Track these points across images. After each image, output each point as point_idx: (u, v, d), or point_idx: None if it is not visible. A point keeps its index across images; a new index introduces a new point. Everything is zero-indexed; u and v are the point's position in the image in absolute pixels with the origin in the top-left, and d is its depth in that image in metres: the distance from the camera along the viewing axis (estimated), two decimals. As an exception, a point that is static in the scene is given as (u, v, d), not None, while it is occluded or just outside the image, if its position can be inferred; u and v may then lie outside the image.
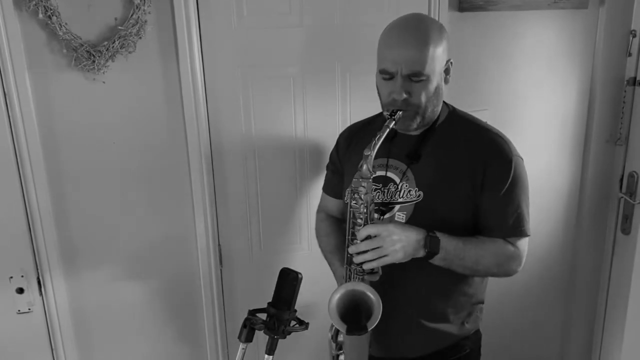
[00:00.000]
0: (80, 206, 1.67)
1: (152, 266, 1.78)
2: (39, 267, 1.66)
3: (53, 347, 1.74)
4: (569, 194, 2.24)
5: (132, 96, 1.63)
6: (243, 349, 1.29)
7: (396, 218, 1.37)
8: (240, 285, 1.90)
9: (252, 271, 1.89)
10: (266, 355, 1.27)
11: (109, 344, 1.81)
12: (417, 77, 1.26)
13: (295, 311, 1.27)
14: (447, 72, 1.35)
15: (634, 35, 2.05)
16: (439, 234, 1.28)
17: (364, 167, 1.25)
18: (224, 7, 1.66)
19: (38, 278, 1.67)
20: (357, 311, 1.26)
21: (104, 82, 1.59)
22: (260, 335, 1.32)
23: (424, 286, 1.39)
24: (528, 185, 1.38)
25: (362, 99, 1.82)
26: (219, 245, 1.84)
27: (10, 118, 1.54)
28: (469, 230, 1.37)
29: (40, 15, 1.47)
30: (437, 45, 1.27)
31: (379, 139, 1.25)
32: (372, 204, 1.29)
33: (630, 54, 2.07)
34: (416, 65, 1.25)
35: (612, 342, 2.34)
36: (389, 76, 1.29)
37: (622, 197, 2.17)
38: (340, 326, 1.24)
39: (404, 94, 1.28)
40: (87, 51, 1.53)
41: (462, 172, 1.34)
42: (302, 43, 1.76)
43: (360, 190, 1.27)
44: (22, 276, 1.65)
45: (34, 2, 1.45)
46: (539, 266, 2.25)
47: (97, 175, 1.66)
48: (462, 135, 1.38)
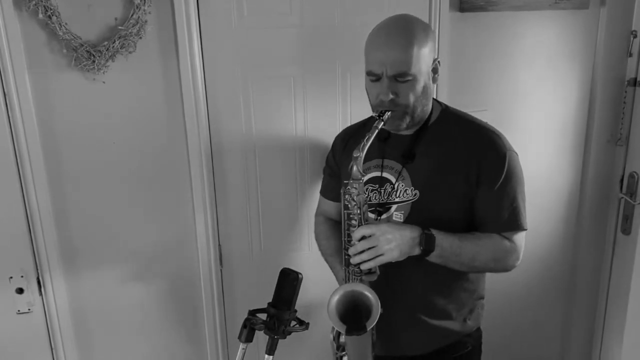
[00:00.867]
0: (80, 206, 1.67)
1: (152, 266, 1.78)
2: (38, 267, 1.66)
3: (53, 347, 1.74)
4: (569, 194, 2.23)
5: (132, 96, 1.63)
6: (243, 349, 1.29)
7: (394, 218, 1.38)
8: (240, 285, 1.90)
9: (252, 271, 1.89)
10: (266, 356, 1.27)
11: (108, 344, 1.81)
12: (402, 77, 1.28)
13: (296, 311, 1.27)
14: (434, 71, 1.36)
15: (635, 36, 2.05)
16: (435, 232, 1.29)
17: (354, 168, 1.26)
18: (224, 7, 1.66)
19: (38, 278, 1.67)
20: (356, 311, 1.26)
21: (104, 82, 1.59)
22: (260, 336, 1.32)
23: (424, 283, 1.40)
24: (523, 179, 1.39)
25: (362, 99, 1.80)
26: (219, 245, 1.84)
27: (10, 118, 1.54)
28: (467, 227, 1.38)
29: (40, 15, 1.47)
30: (422, 45, 1.28)
31: (367, 140, 1.26)
32: (365, 204, 1.30)
33: (630, 55, 2.07)
34: (401, 66, 1.27)
35: (612, 342, 2.33)
36: (375, 77, 1.31)
37: (623, 197, 2.17)
38: (339, 327, 1.24)
39: (390, 94, 1.29)
40: (87, 51, 1.53)
41: (457, 168, 1.35)
42: (302, 43, 1.76)
43: (352, 192, 1.28)
44: (22, 276, 1.65)
45: (34, 2, 1.45)
46: (539, 266, 2.25)
47: (97, 175, 1.66)
48: (455, 132, 1.39)
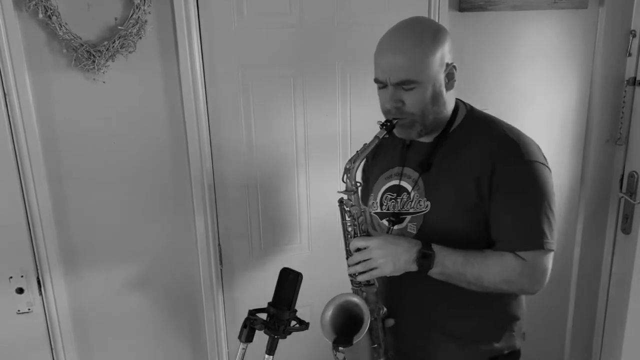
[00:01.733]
0: (80, 206, 1.67)
1: (152, 266, 1.78)
2: (38, 267, 1.66)
3: (53, 347, 1.74)
4: (569, 194, 2.24)
5: (132, 96, 1.63)
6: (243, 349, 1.28)
7: (408, 229, 1.32)
8: (240, 285, 1.90)
9: (252, 271, 1.89)
10: (266, 355, 1.27)
11: (108, 344, 1.81)
12: (407, 85, 1.20)
13: (296, 311, 1.27)
14: (450, 76, 1.25)
15: (634, 35, 2.05)
16: (437, 248, 1.21)
17: (347, 180, 1.25)
18: (224, 7, 1.66)
19: (38, 278, 1.67)
20: (352, 322, 1.26)
21: (104, 82, 1.59)
22: (260, 336, 1.32)
23: (441, 302, 1.32)
24: (550, 194, 1.24)
25: (362, 99, 1.83)
26: (219, 245, 1.84)
27: (10, 118, 1.53)
28: (480, 242, 1.27)
29: (40, 15, 1.47)
30: (430, 50, 1.20)
31: (362, 152, 1.23)
32: (360, 216, 1.29)
33: (630, 54, 2.08)
34: (404, 74, 1.19)
35: (612, 342, 2.34)
36: (381, 85, 1.25)
37: (623, 196, 2.17)
38: (329, 337, 1.25)
39: (395, 102, 1.23)
40: (87, 51, 1.53)
41: (467, 180, 1.24)
42: (302, 43, 1.76)
43: (348, 203, 1.27)
44: (22, 276, 1.65)
45: (34, 2, 1.45)
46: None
47: (97, 175, 1.66)
48: (475, 138, 1.27)
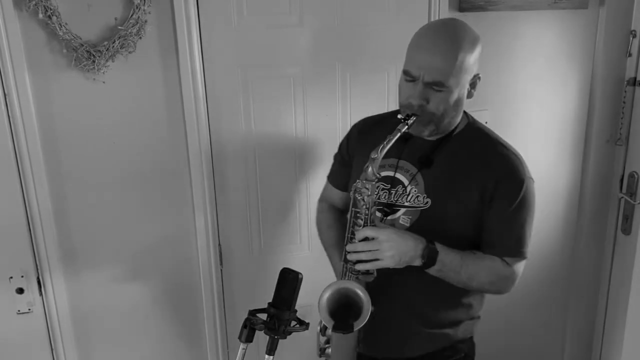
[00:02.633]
0: (80, 206, 1.67)
1: (152, 266, 1.78)
2: (39, 267, 1.66)
3: (53, 347, 1.74)
4: (569, 194, 2.24)
5: (132, 96, 1.63)
6: (243, 349, 1.28)
7: (400, 221, 1.35)
8: (240, 285, 1.90)
9: (252, 271, 1.89)
10: (266, 356, 1.27)
11: (108, 344, 1.81)
12: (438, 86, 1.23)
13: (296, 311, 1.27)
14: (472, 86, 1.31)
15: (634, 36, 2.05)
16: (439, 246, 1.26)
17: (370, 169, 1.24)
18: (224, 6, 1.66)
19: (38, 278, 1.67)
20: (347, 309, 1.26)
21: (104, 82, 1.59)
22: (260, 336, 1.32)
23: (422, 292, 1.38)
24: (534, 209, 1.35)
25: (362, 99, 1.82)
26: (219, 245, 1.84)
27: (10, 118, 1.53)
28: (470, 242, 1.35)
29: (40, 15, 1.47)
30: (466, 57, 1.23)
31: (388, 142, 1.23)
32: (373, 206, 1.28)
33: (630, 54, 2.07)
34: (440, 75, 1.22)
35: (612, 342, 2.34)
36: (411, 79, 1.26)
37: (623, 197, 2.17)
38: (327, 322, 1.24)
39: (421, 100, 1.25)
40: (87, 51, 1.53)
41: (473, 185, 1.31)
42: (302, 43, 1.76)
43: (363, 192, 1.26)
44: (22, 276, 1.65)
45: (34, 2, 1.45)
46: (539, 266, 2.25)
47: (97, 175, 1.66)
48: (477, 148, 1.35)
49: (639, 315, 2.11)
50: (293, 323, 1.27)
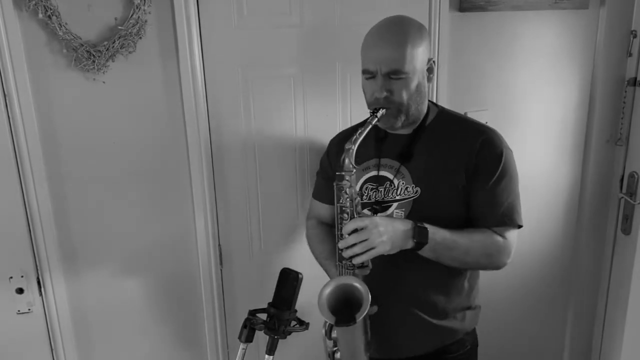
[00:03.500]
0: (80, 206, 1.67)
1: (152, 266, 1.78)
2: (38, 267, 1.66)
3: (53, 347, 1.74)
4: (569, 194, 2.24)
5: (132, 96, 1.63)
6: (243, 349, 1.29)
7: (394, 215, 1.38)
8: (240, 285, 1.90)
9: (252, 271, 1.89)
10: (266, 356, 1.27)
11: (108, 344, 1.81)
12: (396, 75, 1.31)
13: (296, 311, 1.27)
14: (430, 71, 1.38)
15: (635, 36, 2.05)
16: (428, 225, 1.29)
17: (346, 160, 1.27)
18: (224, 7, 1.66)
19: (38, 278, 1.67)
20: (347, 304, 1.26)
21: (104, 82, 1.59)
22: (260, 336, 1.32)
23: (421, 282, 1.41)
24: (517, 176, 1.40)
25: (362, 99, 1.81)
26: (219, 245, 1.84)
27: (10, 118, 1.53)
28: (465, 223, 1.39)
29: (40, 15, 1.46)
30: (416, 44, 1.31)
31: (360, 134, 1.28)
32: (357, 197, 1.31)
33: (630, 54, 2.08)
34: (395, 63, 1.30)
35: (612, 342, 2.34)
36: (370, 75, 1.34)
37: (623, 197, 2.17)
38: (329, 318, 1.24)
39: (384, 92, 1.32)
40: (87, 51, 1.53)
41: (457, 164, 1.36)
42: (302, 43, 1.76)
43: (344, 184, 1.29)
44: (22, 276, 1.65)
45: (34, 2, 1.45)
46: (539, 266, 2.25)
47: (97, 175, 1.66)
48: (452, 130, 1.42)
49: (639, 315, 2.11)
50: (293, 323, 1.27)
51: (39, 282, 1.67)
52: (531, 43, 2.00)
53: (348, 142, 1.28)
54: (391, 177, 1.41)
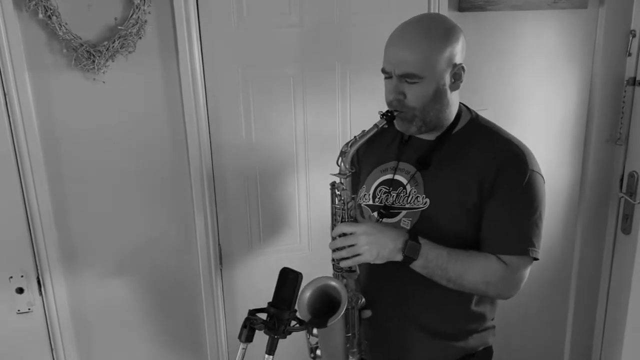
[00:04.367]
0: (80, 206, 1.67)
1: (152, 266, 1.78)
2: (39, 267, 1.66)
3: (53, 347, 1.74)
4: (569, 194, 2.24)
5: (132, 96, 1.63)
6: (243, 349, 1.28)
7: (401, 224, 1.32)
8: (240, 285, 1.90)
9: (252, 271, 1.89)
10: (266, 355, 1.27)
11: (108, 344, 1.81)
12: (410, 78, 1.22)
13: (296, 311, 1.27)
14: (456, 77, 1.27)
15: (634, 35, 2.05)
16: (423, 241, 1.22)
17: (341, 164, 1.25)
18: (224, 7, 1.66)
19: (38, 278, 1.67)
20: (329, 306, 1.26)
21: (104, 82, 1.59)
22: (260, 336, 1.32)
23: (421, 300, 1.35)
24: (543, 204, 1.26)
25: (362, 99, 1.83)
26: (219, 245, 1.84)
27: (10, 118, 1.53)
28: (472, 244, 1.29)
29: (40, 15, 1.47)
30: (437, 47, 1.21)
31: (361, 137, 1.24)
32: (350, 201, 1.29)
33: (629, 54, 2.08)
34: (409, 67, 1.21)
35: (612, 342, 2.34)
36: (387, 75, 1.27)
37: (622, 196, 2.17)
38: (303, 315, 1.25)
39: (397, 94, 1.25)
40: (87, 51, 1.53)
41: (471, 180, 1.26)
42: (302, 43, 1.76)
43: (339, 187, 1.27)
44: (22, 276, 1.65)
45: (34, 2, 1.45)
46: (539, 266, 2.23)
47: (97, 175, 1.66)
48: (479, 143, 1.30)
49: (639, 315, 2.11)
50: (293, 323, 1.27)
51: (39, 282, 1.67)
52: (530, 43, 2.00)
53: (345, 145, 1.25)
54: (405, 182, 1.33)
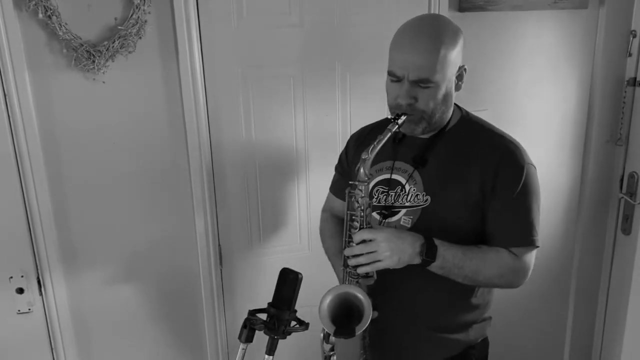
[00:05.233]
0: (80, 206, 1.67)
1: (152, 266, 1.78)
2: (39, 267, 1.66)
3: (53, 347, 1.74)
4: (569, 194, 2.23)
5: (132, 96, 1.63)
6: (243, 349, 1.28)
7: (402, 222, 1.33)
8: (240, 285, 1.90)
9: (252, 271, 1.89)
10: (266, 356, 1.27)
11: (108, 344, 1.81)
12: (424, 83, 1.22)
13: (296, 311, 1.27)
14: (459, 78, 1.29)
15: (634, 36, 2.05)
16: (438, 242, 1.24)
17: (361, 170, 1.23)
18: (224, 7, 1.66)
19: (38, 278, 1.67)
20: (348, 314, 1.25)
21: (104, 82, 1.59)
22: (260, 336, 1.32)
23: (428, 296, 1.36)
24: (540, 195, 1.32)
25: (362, 99, 1.83)
26: (219, 245, 1.84)
27: (10, 118, 1.53)
28: (477, 239, 1.33)
29: (40, 15, 1.47)
30: (449, 51, 1.22)
31: (378, 142, 1.23)
32: (368, 207, 1.27)
33: (630, 54, 2.07)
34: (424, 72, 1.21)
35: (612, 342, 2.34)
36: (396, 79, 1.25)
37: (623, 197, 2.17)
38: (328, 327, 1.23)
39: (409, 99, 1.24)
40: (87, 51, 1.53)
41: (472, 177, 1.29)
42: (302, 43, 1.76)
43: (357, 194, 1.25)
44: (22, 276, 1.65)
45: (34, 2, 1.45)
46: (539, 266, 2.22)
47: (97, 175, 1.66)
48: (473, 140, 1.33)
49: (639, 315, 2.11)
50: (293, 323, 1.27)
51: (39, 282, 1.67)
52: (530, 43, 2.00)
53: (365, 152, 1.22)
54: (403, 181, 1.34)
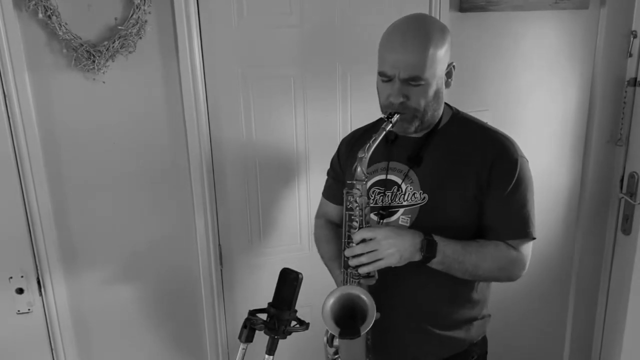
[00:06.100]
0: (80, 206, 1.67)
1: (152, 266, 1.78)
2: (38, 267, 1.66)
3: (53, 347, 1.74)
4: (569, 194, 2.24)
5: (132, 96, 1.63)
6: (243, 349, 1.28)
7: (400, 222, 1.34)
8: (240, 285, 1.90)
9: (252, 271, 1.89)
10: (266, 356, 1.27)
11: (108, 344, 1.81)
12: (415, 81, 1.24)
13: (296, 311, 1.27)
14: (448, 75, 1.32)
15: (635, 36, 2.05)
16: (437, 238, 1.25)
17: (358, 169, 1.24)
18: (224, 7, 1.66)
19: (38, 278, 1.67)
20: (351, 315, 1.25)
21: (104, 82, 1.59)
22: (260, 336, 1.32)
23: (429, 292, 1.37)
24: (533, 187, 1.35)
25: (363, 99, 1.82)
26: (219, 245, 1.84)
27: (10, 118, 1.53)
28: (475, 233, 1.35)
29: (40, 15, 1.47)
30: (438, 49, 1.24)
31: (373, 142, 1.24)
32: (367, 206, 1.28)
33: (630, 55, 2.08)
34: (415, 70, 1.23)
35: (612, 342, 2.34)
36: (387, 78, 1.27)
37: (623, 197, 2.17)
38: (333, 330, 1.23)
39: (401, 97, 1.25)
40: (87, 51, 1.53)
41: (468, 173, 1.31)
42: (302, 43, 1.76)
43: (354, 193, 1.26)
44: (22, 276, 1.65)
45: (34, 2, 1.45)
46: (539, 266, 2.25)
47: (97, 175, 1.66)
48: (466, 136, 1.35)
49: (639, 315, 2.11)
50: (293, 323, 1.27)
51: (39, 282, 1.67)
52: (531, 43, 2.00)
53: (361, 151, 1.23)
54: (399, 181, 1.36)
